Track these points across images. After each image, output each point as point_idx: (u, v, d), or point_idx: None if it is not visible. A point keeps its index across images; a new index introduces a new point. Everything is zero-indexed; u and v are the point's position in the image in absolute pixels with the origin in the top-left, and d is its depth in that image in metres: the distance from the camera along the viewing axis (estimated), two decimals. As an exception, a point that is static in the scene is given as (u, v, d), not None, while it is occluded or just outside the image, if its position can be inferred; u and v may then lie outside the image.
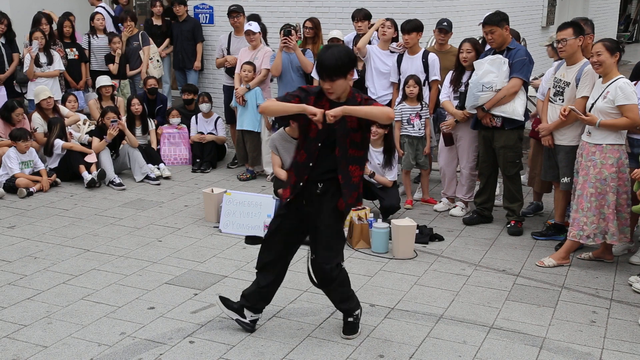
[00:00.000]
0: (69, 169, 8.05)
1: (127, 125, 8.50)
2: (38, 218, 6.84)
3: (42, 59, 9.00)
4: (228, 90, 8.81)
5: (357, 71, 7.89)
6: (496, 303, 5.06)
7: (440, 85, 7.24)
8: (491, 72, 6.29)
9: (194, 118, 9.11)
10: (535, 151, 6.82)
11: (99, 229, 6.53)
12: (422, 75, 7.27)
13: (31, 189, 7.60)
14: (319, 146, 4.17)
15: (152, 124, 9.01)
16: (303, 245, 4.50)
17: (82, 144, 8.38)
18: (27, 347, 4.30)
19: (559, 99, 5.98)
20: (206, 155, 8.83)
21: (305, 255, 4.59)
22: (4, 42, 9.21)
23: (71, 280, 5.33)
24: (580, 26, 5.90)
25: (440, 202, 7.28)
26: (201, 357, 4.23)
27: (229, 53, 8.95)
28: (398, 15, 8.53)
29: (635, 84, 5.70)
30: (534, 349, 4.40)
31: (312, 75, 7.74)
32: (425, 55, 7.35)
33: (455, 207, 7.12)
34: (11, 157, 7.74)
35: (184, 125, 9.10)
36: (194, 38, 10.25)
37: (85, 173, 7.93)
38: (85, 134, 8.58)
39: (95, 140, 8.25)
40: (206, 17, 10.74)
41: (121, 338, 4.43)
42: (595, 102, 5.50)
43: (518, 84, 6.31)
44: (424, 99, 7.26)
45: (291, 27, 7.97)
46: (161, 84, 10.23)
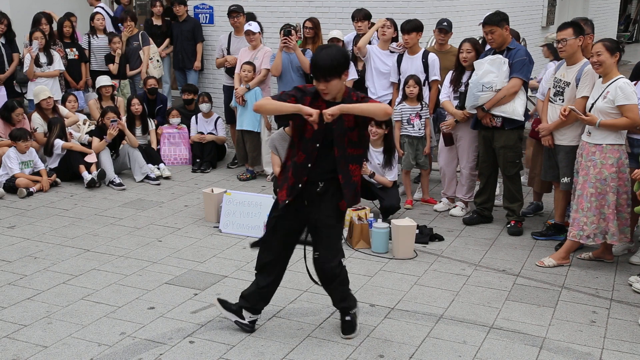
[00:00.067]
0: (69, 169, 8.05)
1: (127, 125, 8.50)
2: (38, 218, 6.84)
3: (42, 59, 9.00)
4: (228, 90, 8.80)
5: (357, 71, 7.90)
6: (496, 303, 5.06)
7: (440, 85, 7.24)
8: (491, 72, 6.29)
9: (194, 118, 9.11)
10: (535, 151, 6.82)
11: (99, 229, 6.53)
12: (422, 75, 7.27)
13: (31, 189, 7.60)
14: (317, 147, 4.17)
15: (152, 124, 9.01)
16: (300, 245, 4.50)
17: (82, 144, 8.38)
18: (27, 347, 4.30)
19: (559, 99, 5.98)
20: (206, 155, 8.83)
21: (304, 254, 4.58)
22: (4, 42, 9.21)
23: (71, 280, 5.33)
24: (580, 26, 5.90)
25: (440, 202, 7.28)
26: (201, 357, 4.23)
27: (229, 53, 8.94)
28: (398, 15, 8.52)
29: (635, 84, 5.70)
30: (534, 349, 4.40)
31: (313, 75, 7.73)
32: (425, 55, 7.35)
33: (455, 207, 7.12)
34: (11, 157, 7.74)
35: (184, 125, 9.10)
36: (194, 38, 10.24)
37: (85, 173, 7.92)
38: (85, 134, 8.59)
39: (95, 140, 8.25)
40: (206, 17, 10.73)
41: (121, 338, 4.43)
42: (595, 102, 5.50)
43: (518, 84, 6.31)
44: (424, 99, 7.27)
45: (291, 27, 7.97)
46: (161, 84, 10.22)
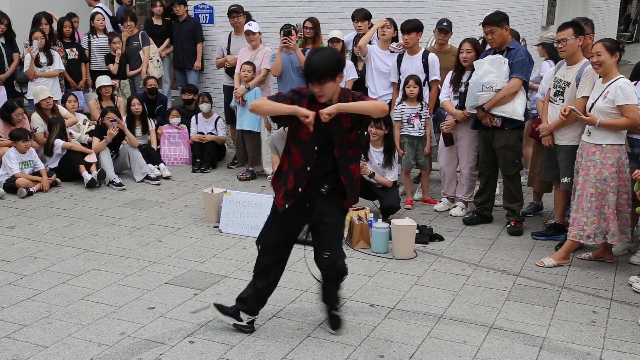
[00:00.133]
0: (69, 169, 8.05)
1: (127, 125, 8.51)
2: (38, 218, 6.83)
3: (42, 59, 9.00)
4: (228, 90, 8.80)
5: (358, 71, 7.91)
6: (496, 303, 5.06)
7: (440, 85, 7.24)
8: (491, 72, 6.29)
9: (194, 118, 9.11)
10: (535, 151, 6.82)
11: (99, 229, 6.53)
12: (422, 75, 7.27)
13: (31, 189, 7.60)
14: (315, 149, 4.17)
15: (152, 124, 9.01)
16: (299, 245, 4.50)
17: (82, 144, 8.39)
18: (27, 347, 4.30)
19: (559, 99, 5.98)
20: (206, 155, 8.83)
21: (304, 254, 4.58)
22: (4, 42, 9.21)
23: (71, 280, 5.33)
24: (580, 26, 5.90)
25: (440, 202, 7.28)
26: (201, 357, 4.23)
27: (229, 53, 8.94)
28: (398, 15, 8.53)
29: (635, 84, 5.70)
30: (534, 349, 4.40)
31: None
32: (425, 55, 7.35)
33: (455, 207, 7.11)
34: (11, 157, 7.74)
35: (184, 125, 9.10)
36: (194, 38, 10.24)
37: (85, 173, 7.92)
38: (85, 134, 8.59)
39: (95, 140, 8.25)
40: (206, 17, 10.74)
41: (121, 338, 4.43)
42: (595, 102, 5.50)
43: (518, 84, 6.31)
44: (424, 99, 7.27)
45: (291, 27, 7.96)
46: (161, 84, 10.22)
